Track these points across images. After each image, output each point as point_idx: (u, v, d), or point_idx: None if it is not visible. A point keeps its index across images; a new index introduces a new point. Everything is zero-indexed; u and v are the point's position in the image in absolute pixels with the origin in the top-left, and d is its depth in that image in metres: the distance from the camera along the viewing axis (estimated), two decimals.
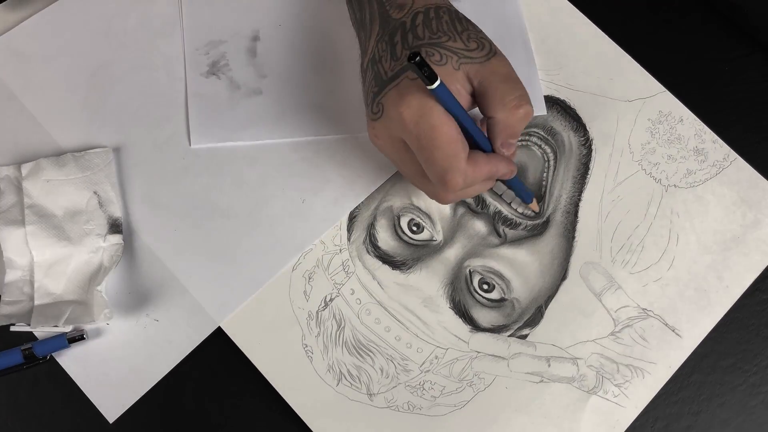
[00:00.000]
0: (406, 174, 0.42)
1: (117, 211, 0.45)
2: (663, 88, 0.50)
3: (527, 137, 0.49)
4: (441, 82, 0.35)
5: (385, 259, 0.45)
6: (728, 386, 0.44)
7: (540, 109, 0.49)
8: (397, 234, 0.46)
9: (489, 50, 0.39)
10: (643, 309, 0.45)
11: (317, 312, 0.44)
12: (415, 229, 0.46)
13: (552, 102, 0.50)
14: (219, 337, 0.43)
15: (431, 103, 0.37)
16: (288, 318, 0.44)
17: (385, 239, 0.46)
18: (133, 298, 0.44)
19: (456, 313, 0.45)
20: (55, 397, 0.42)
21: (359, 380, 0.43)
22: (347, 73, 0.49)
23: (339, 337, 0.44)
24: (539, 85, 0.50)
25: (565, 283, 0.46)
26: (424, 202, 0.47)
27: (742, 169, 0.48)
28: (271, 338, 0.43)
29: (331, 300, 0.44)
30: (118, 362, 0.43)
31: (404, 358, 0.44)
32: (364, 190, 0.47)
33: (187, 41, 0.49)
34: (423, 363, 0.44)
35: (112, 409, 0.42)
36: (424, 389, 0.43)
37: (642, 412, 0.43)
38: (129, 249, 0.45)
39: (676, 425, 0.43)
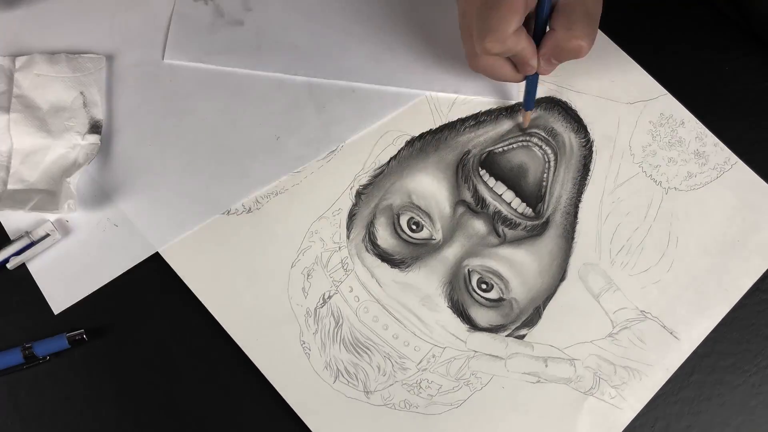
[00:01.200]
0: (461, 23, 0.44)
1: (99, 114, 0.47)
2: (665, 91, 0.50)
3: (528, 137, 0.49)
4: None
5: (384, 257, 0.45)
6: (728, 386, 0.44)
7: (511, 96, 0.50)
8: (396, 232, 0.46)
9: None
10: (642, 311, 0.45)
11: (315, 309, 0.44)
12: (414, 227, 0.46)
13: (553, 103, 0.50)
14: (208, 319, 0.44)
15: None
16: (286, 314, 0.44)
17: (385, 237, 0.46)
18: (97, 200, 0.46)
19: (454, 312, 0.45)
20: (55, 397, 0.42)
21: (356, 378, 0.43)
22: (331, 17, 0.51)
23: (337, 334, 0.44)
24: None
25: (564, 283, 0.46)
26: (424, 200, 0.47)
27: (742, 172, 0.48)
28: (269, 335, 0.43)
29: (330, 297, 0.44)
30: (73, 259, 0.45)
31: (401, 357, 0.44)
32: (338, 137, 0.48)
33: None
34: (420, 361, 0.44)
35: (59, 302, 0.44)
36: (420, 388, 0.43)
37: (642, 411, 0.43)
38: (104, 153, 0.47)
39: (676, 425, 0.43)
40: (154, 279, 0.44)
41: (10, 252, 0.43)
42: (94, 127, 0.46)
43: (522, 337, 0.45)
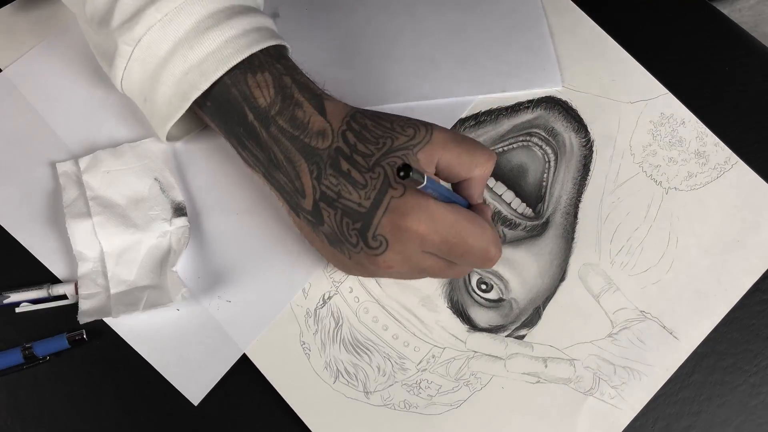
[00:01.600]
0: (432, 275, 0.40)
1: (179, 195, 0.45)
2: (665, 90, 0.50)
3: (528, 137, 0.49)
4: (428, 177, 0.33)
5: None
6: (728, 386, 0.44)
7: (556, 83, 0.50)
8: None
9: (425, 127, 0.38)
10: (641, 311, 0.45)
11: (315, 309, 0.44)
12: None
13: (553, 102, 0.50)
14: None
15: (432, 203, 0.36)
16: (286, 315, 0.44)
17: None
18: (203, 281, 0.44)
19: (454, 313, 0.45)
20: (56, 396, 0.42)
21: (356, 378, 0.43)
22: (363, 45, 0.50)
23: (337, 334, 0.44)
24: (554, 56, 0.50)
25: (564, 284, 0.46)
26: None
27: (743, 172, 0.48)
28: (269, 335, 0.43)
29: (330, 298, 0.44)
30: (195, 345, 0.43)
31: (401, 357, 0.44)
32: None
33: None
34: (420, 362, 0.44)
35: (195, 392, 0.42)
36: (420, 388, 0.43)
37: (642, 411, 0.43)
38: (195, 232, 0.45)
39: (676, 425, 0.43)
40: None
41: (22, 298, 0.43)
42: (178, 210, 0.44)
43: (522, 337, 0.45)
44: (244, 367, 0.43)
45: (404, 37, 0.50)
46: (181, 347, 0.43)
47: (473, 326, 0.45)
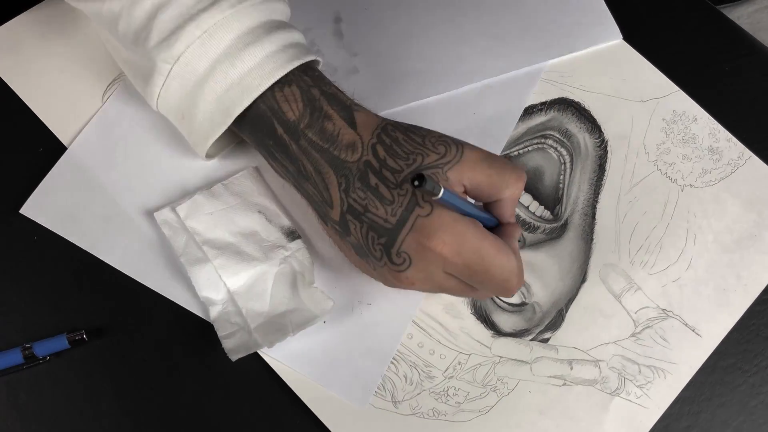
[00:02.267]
0: (453, 294, 0.40)
1: (286, 221, 0.45)
2: (676, 88, 0.50)
3: (543, 140, 0.49)
4: (444, 188, 0.33)
5: None
6: (728, 386, 0.45)
7: (616, 35, 0.51)
8: None
9: (456, 146, 0.38)
10: (663, 309, 0.45)
11: None
12: None
13: (566, 104, 0.50)
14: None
15: (460, 225, 0.36)
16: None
17: None
18: (338, 293, 0.44)
19: (477, 319, 0.45)
20: (55, 397, 0.42)
21: (384, 388, 0.43)
22: (429, 31, 0.51)
23: None
24: (607, 10, 0.52)
25: (585, 285, 0.46)
26: None
27: (757, 167, 0.49)
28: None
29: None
30: (349, 353, 0.43)
31: (427, 365, 0.44)
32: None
33: None
34: (446, 369, 0.44)
35: (360, 396, 0.42)
36: (448, 395, 0.43)
37: None
38: (311, 250, 0.45)
39: (676, 425, 0.44)
40: None
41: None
42: (291, 235, 0.44)
43: (546, 340, 0.45)
44: (268, 380, 0.43)
45: (466, 18, 0.51)
46: (338, 358, 0.43)
47: (497, 331, 0.45)
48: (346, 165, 0.38)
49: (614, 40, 0.51)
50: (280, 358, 0.43)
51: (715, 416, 0.44)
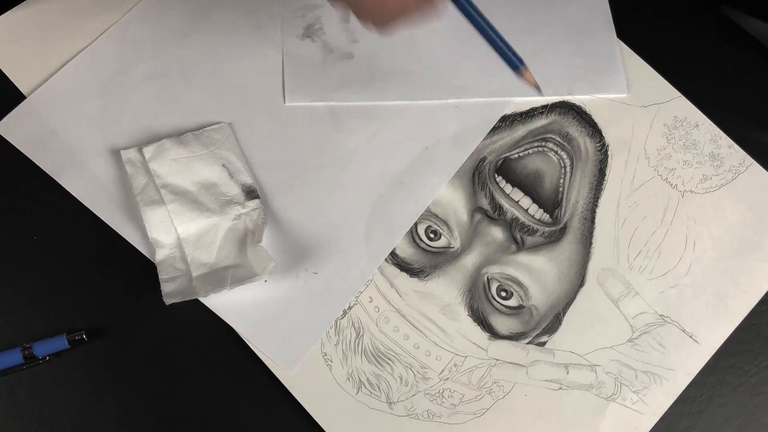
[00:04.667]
0: None
1: (248, 179, 0.46)
2: (678, 93, 0.50)
3: (543, 143, 0.49)
4: None
5: (403, 266, 0.45)
6: (729, 386, 0.44)
7: (622, 89, 0.50)
8: (414, 241, 0.46)
9: None
10: (661, 315, 0.45)
11: (336, 320, 0.44)
12: (432, 236, 0.46)
13: (567, 107, 0.50)
14: (211, 317, 0.43)
15: None
16: None
17: (403, 247, 0.46)
18: (288, 256, 0.45)
19: (474, 321, 0.45)
20: (55, 397, 0.42)
21: (379, 388, 0.43)
22: (434, 40, 0.50)
23: (358, 345, 0.44)
24: (620, 63, 0.50)
25: (583, 289, 0.46)
26: (441, 209, 0.46)
27: (758, 174, 0.48)
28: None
29: (350, 308, 0.44)
30: (286, 317, 0.44)
31: (423, 366, 0.43)
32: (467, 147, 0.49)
33: (284, 1, 0.51)
34: (442, 371, 0.44)
35: (286, 363, 0.43)
36: (443, 397, 0.43)
37: None
38: (269, 208, 0.46)
39: (676, 425, 0.44)
40: (154, 278, 0.44)
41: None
42: (250, 193, 0.45)
43: (543, 344, 0.44)
44: (262, 378, 0.43)
45: (471, 33, 0.50)
46: (273, 319, 0.43)
47: (494, 334, 0.44)
48: None
49: (620, 94, 0.50)
50: (217, 310, 0.43)
51: (716, 416, 0.44)
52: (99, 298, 0.44)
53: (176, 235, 0.44)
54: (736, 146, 0.49)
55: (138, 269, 0.44)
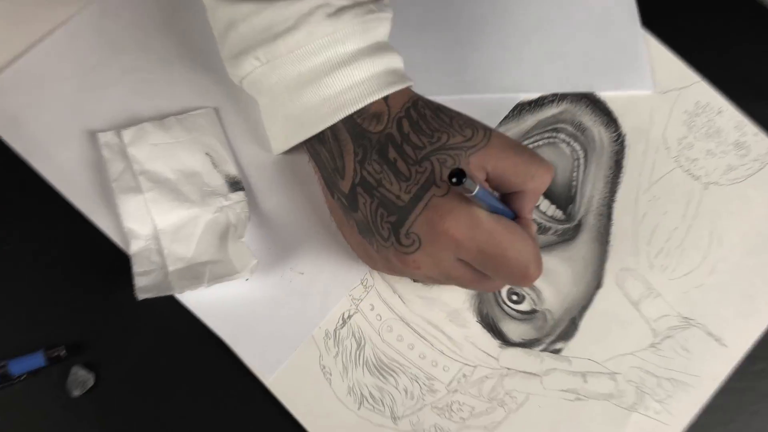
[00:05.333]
0: (460, 285, 0.38)
1: (233, 169, 0.43)
2: (699, 78, 0.47)
3: (554, 134, 0.45)
4: (479, 185, 0.32)
5: None
6: (759, 393, 0.42)
7: (647, 86, 0.47)
8: None
9: (484, 130, 0.36)
10: (685, 318, 0.42)
11: (335, 330, 0.41)
12: None
13: (580, 96, 0.46)
14: (199, 328, 0.41)
15: (474, 209, 0.34)
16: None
17: None
18: (273, 254, 0.42)
19: (484, 327, 0.42)
20: (32, 418, 0.40)
21: (382, 403, 0.40)
22: (452, 31, 0.47)
23: (359, 356, 0.41)
24: (646, 58, 0.47)
25: (600, 291, 0.43)
26: None
27: None
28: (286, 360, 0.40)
29: (350, 317, 0.41)
30: (268, 318, 0.41)
31: (430, 378, 0.41)
32: None
33: None
34: (450, 382, 0.41)
35: (266, 368, 0.40)
36: (452, 411, 0.40)
37: None
38: (254, 203, 0.43)
39: None
40: (130, 278, 0.41)
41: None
42: (234, 185, 0.42)
43: (558, 351, 0.41)
44: (262, 395, 0.40)
45: (487, 26, 0.48)
46: (253, 321, 0.41)
47: (506, 341, 0.41)
48: (366, 135, 0.37)
49: (645, 90, 0.47)
50: (193, 308, 0.41)
51: (748, 425, 0.41)
52: (79, 311, 0.41)
53: (153, 226, 0.41)
54: (762, 133, 0.46)
55: (117, 269, 0.41)
